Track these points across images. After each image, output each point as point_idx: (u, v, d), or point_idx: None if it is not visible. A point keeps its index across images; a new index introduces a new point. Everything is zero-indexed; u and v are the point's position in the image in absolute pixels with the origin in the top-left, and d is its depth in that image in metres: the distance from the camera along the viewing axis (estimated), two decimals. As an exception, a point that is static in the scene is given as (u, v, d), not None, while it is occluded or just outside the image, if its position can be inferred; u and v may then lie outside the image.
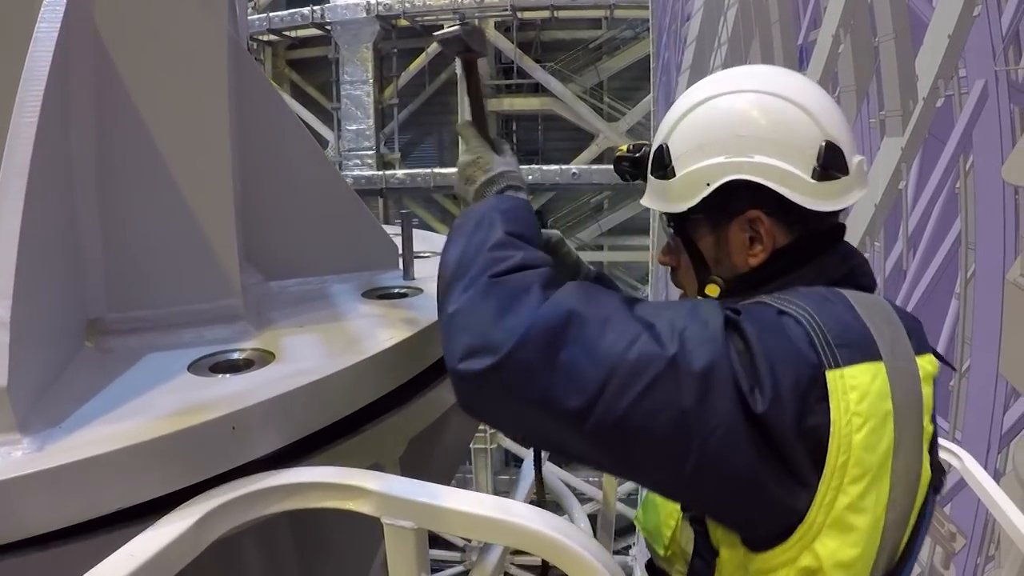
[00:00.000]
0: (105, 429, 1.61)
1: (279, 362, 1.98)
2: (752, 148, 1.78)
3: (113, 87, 2.07)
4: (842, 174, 1.80)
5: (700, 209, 1.86)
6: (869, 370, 1.54)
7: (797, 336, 1.53)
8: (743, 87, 1.87)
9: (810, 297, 1.63)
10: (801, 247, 1.83)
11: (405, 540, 1.62)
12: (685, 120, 1.91)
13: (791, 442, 1.48)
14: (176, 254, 2.16)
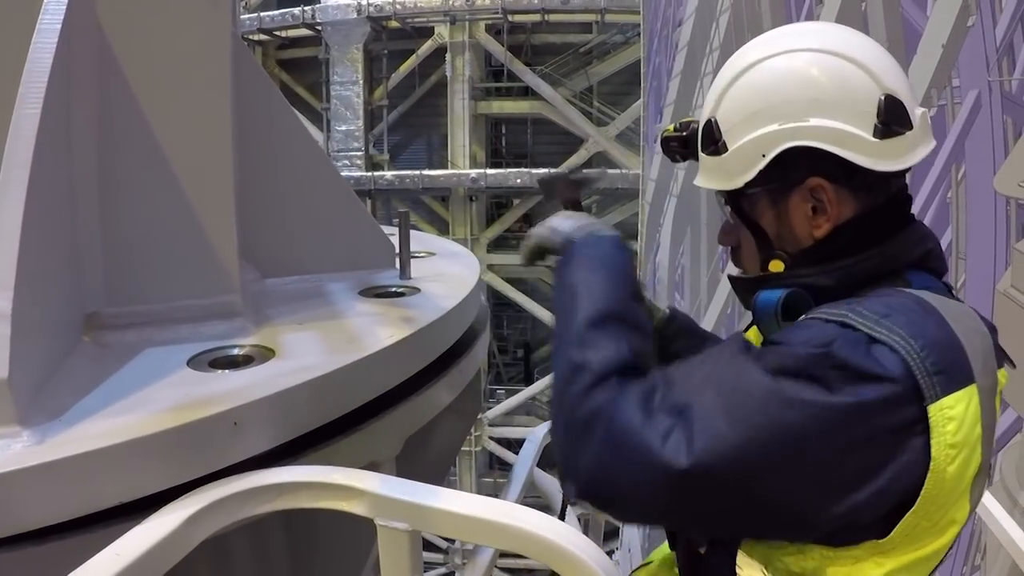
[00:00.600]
0: (106, 423, 1.61)
1: (279, 358, 1.98)
2: (806, 111, 1.65)
3: (115, 81, 2.07)
4: (906, 129, 1.65)
5: (757, 183, 1.74)
6: (965, 396, 1.44)
7: (894, 370, 1.40)
8: (790, 47, 1.73)
9: (902, 311, 1.48)
10: (871, 219, 1.70)
11: (399, 542, 1.61)
12: (732, 89, 1.79)
13: (890, 483, 1.40)
14: (175, 249, 2.16)
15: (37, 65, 1.89)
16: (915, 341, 1.42)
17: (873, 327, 1.44)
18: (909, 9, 5.29)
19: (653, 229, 16.33)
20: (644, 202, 17.45)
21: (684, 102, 14.12)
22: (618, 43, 26.40)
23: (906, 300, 1.53)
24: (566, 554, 1.52)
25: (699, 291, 12.46)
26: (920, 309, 1.50)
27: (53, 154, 1.90)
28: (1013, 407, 3.95)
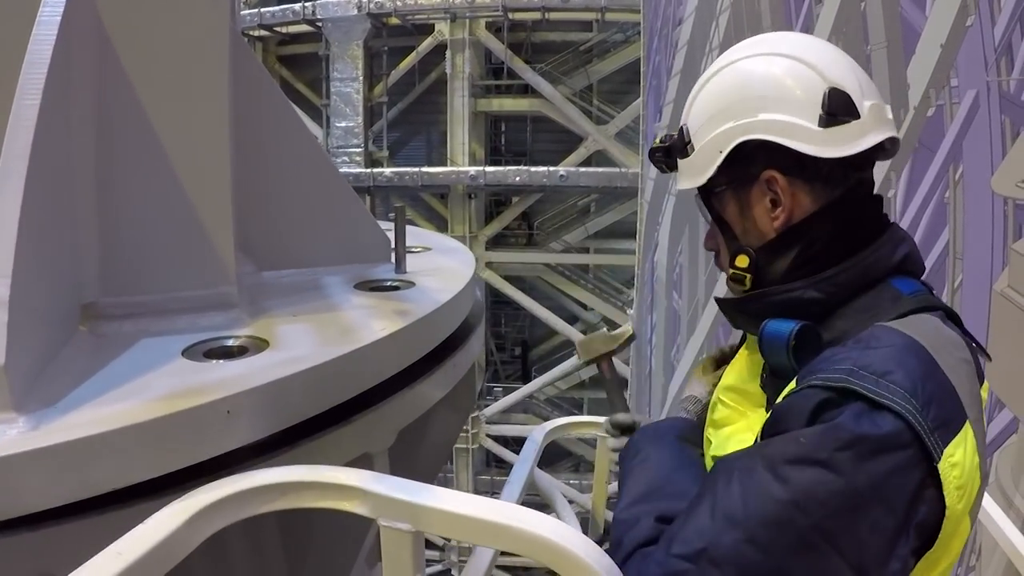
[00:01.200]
0: (101, 410, 1.62)
1: (273, 349, 1.99)
2: (756, 108, 1.77)
3: (114, 73, 2.08)
4: (851, 118, 1.74)
5: (722, 180, 1.86)
6: (962, 438, 1.52)
7: (900, 435, 1.46)
8: (744, 54, 1.87)
9: (900, 364, 1.52)
10: (828, 214, 1.79)
11: (402, 543, 1.60)
12: (697, 98, 1.92)
13: (906, 536, 1.47)
14: (172, 241, 2.17)
15: (37, 56, 1.90)
16: (915, 400, 1.48)
17: (875, 391, 1.49)
18: (908, 9, 5.30)
19: (651, 228, 16.33)
20: (643, 201, 17.44)
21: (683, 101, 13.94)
22: (618, 41, 26.41)
23: (900, 350, 1.56)
24: (569, 556, 1.51)
25: (697, 290, 12.46)
26: (914, 359, 1.55)
27: (52, 145, 1.91)
28: (1009, 408, 3.96)
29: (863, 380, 1.50)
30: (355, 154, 26.17)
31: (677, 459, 1.95)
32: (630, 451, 2.07)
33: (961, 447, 1.50)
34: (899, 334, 1.59)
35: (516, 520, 1.53)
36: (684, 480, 1.85)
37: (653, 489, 1.85)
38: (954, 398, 1.54)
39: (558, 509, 3.43)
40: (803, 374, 1.60)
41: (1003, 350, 4.07)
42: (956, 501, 1.48)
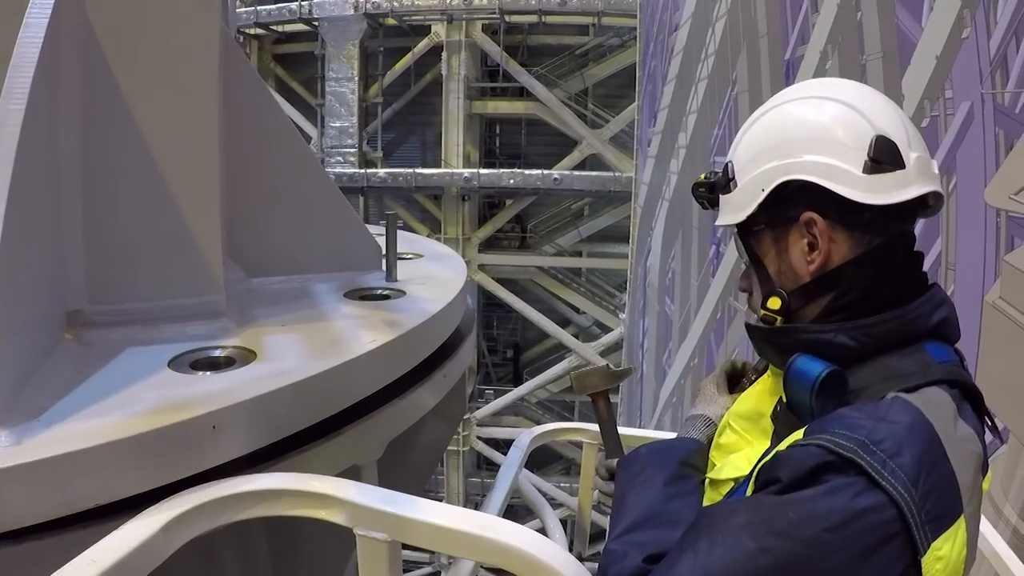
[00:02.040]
0: (84, 424, 1.60)
1: (261, 361, 1.97)
2: (802, 149, 1.77)
3: (102, 78, 2.05)
4: (897, 168, 1.72)
5: (761, 219, 1.86)
6: (953, 533, 1.53)
7: (889, 521, 1.48)
8: (794, 96, 1.88)
9: (912, 447, 1.52)
10: (864, 263, 1.77)
11: (378, 552, 1.60)
12: (745, 136, 1.92)
13: None
14: (159, 248, 2.15)
15: (23, 59, 1.88)
16: (915, 490, 1.49)
17: (879, 471, 1.49)
18: (904, 20, 5.30)
19: (645, 232, 16.35)
20: (636, 205, 17.46)
21: (678, 106, 14.13)
22: (614, 46, 26.44)
23: (914, 431, 1.56)
24: (547, 569, 1.52)
25: (689, 295, 12.47)
26: (925, 445, 1.54)
27: (37, 150, 1.89)
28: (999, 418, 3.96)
29: (872, 457, 1.51)
30: (349, 154, 26.14)
31: (676, 487, 1.95)
32: (634, 466, 2.07)
33: (951, 541, 1.52)
34: (917, 413, 1.58)
35: (492, 531, 1.54)
36: (678, 511, 1.85)
37: (647, 518, 1.85)
38: (954, 492, 1.55)
39: (543, 515, 3.42)
40: (813, 427, 1.60)
41: (994, 361, 4.07)
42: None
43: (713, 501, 1.85)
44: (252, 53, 27.56)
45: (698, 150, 12.60)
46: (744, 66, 10.02)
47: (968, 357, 1.82)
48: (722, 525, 1.55)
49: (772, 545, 1.47)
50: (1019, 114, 3.96)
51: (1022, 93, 3.96)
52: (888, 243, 1.78)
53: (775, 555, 1.46)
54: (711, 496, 1.89)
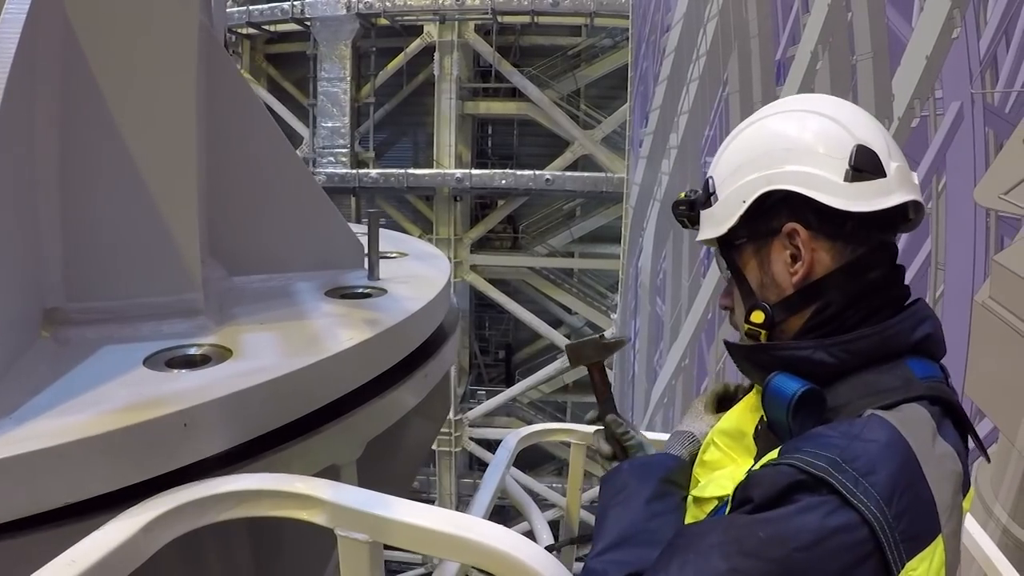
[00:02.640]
0: (55, 422, 1.59)
1: (236, 359, 1.96)
2: (783, 160, 1.77)
3: (80, 75, 2.04)
4: (877, 175, 1.73)
5: (743, 232, 1.85)
6: (930, 554, 1.51)
7: (862, 542, 1.45)
8: (775, 111, 1.89)
9: (886, 466, 1.51)
10: (847, 274, 1.77)
11: (359, 553, 1.59)
12: (726, 151, 1.93)
13: None
14: (137, 246, 2.14)
15: (0, 55, 1.86)
16: (888, 509, 1.47)
17: (851, 491, 1.47)
18: (894, 20, 5.30)
19: (636, 233, 16.37)
20: (628, 206, 17.48)
21: (670, 107, 14.16)
22: (606, 47, 26.48)
23: (889, 448, 1.54)
24: (526, 570, 1.51)
25: (680, 296, 12.49)
26: (900, 463, 1.52)
27: (14, 147, 1.89)
28: (989, 418, 3.95)
29: (843, 475, 1.48)
30: (341, 155, 26.16)
31: (658, 504, 1.94)
32: (616, 483, 2.05)
33: (927, 561, 1.49)
34: (893, 430, 1.56)
35: (473, 532, 1.53)
36: (659, 530, 1.84)
37: (628, 536, 1.85)
38: (930, 512, 1.53)
39: (529, 516, 3.41)
40: (787, 447, 1.58)
41: (984, 360, 4.07)
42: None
43: (696, 519, 1.84)
44: (244, 53, 27.58)
45: (689, 151, 12.62)
46: (735, 67, 10.04)
47: (958, 357, 1.82)
48: (695, 545, 1.54)
49: (742, 565, 1.45)
50: (1009, 114, 3.96)
51: (1011, 93, 3.95)
52: (870, 252, 1.78)
53: (744, 574, 1.45)
54: (694, 513, 1.87)
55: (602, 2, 23.93)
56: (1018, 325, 3.69)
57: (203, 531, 1.62)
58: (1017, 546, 3.55)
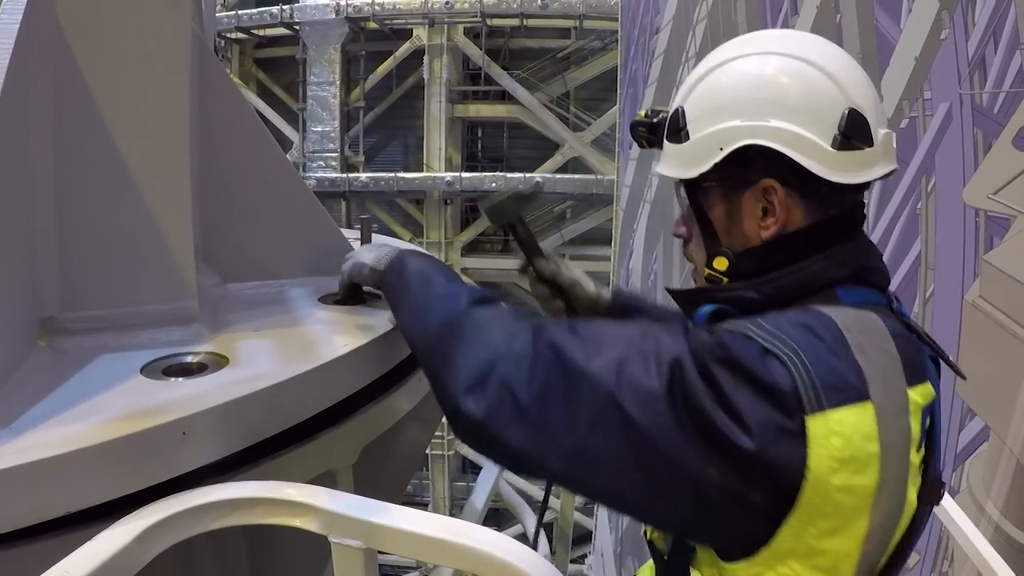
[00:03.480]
0: (55, 431, 1.60)
1: (232, 367, 1.97)
2: (769, 112, 1.68)
3: (74, 83, 2.05)
4: (865, 145, 1.68)
5: (714, 176, 1.77)
6: (855, 413, 1.45)
7: (780, 379, 1.45)
8: (765, 49, 1.77)
9: (800, 327, 1.52)
10: (819, 231, 1.72)
11: (353, 559, 1.60)
12: (704, 82, 1.82)
13: (762, 481, 1.44)
14: (132, 254, 2.15)
15: (-5, 66, 1.87)
16: (806, 354, 1.46)
17: (767, 339, 1.49)
18: (883, 21, 5.31)
19: (627, 235, 16.37)
20: (618, 208, 17.47)
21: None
22: (596, 49, 26.44)
23: (809, 317, 1.56)
24: (520, 575, 1.51)
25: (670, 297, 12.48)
26: (820, 325, 1.53)
27: (8, 155, 1.90)
28: (980, 416, 3.97)
29: (761, 330, 1.51)
30: (331, 159, 26.11)
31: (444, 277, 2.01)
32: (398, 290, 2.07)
33: (854, 419, 1.45)
34: (812, 311, 1.59)
35: (466, 538, 1.54)
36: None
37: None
38: (853, 371, 1.49)
39: (523, 519, 3.43)
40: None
41: (974, 360, 4.08)
42: (829, 473, 1.42)
43: None
44: (233, 58, 27.51)
45: (680, 153, 12.59)
46: (725, 68, 10.03)
47: (949, 356, 1.79)
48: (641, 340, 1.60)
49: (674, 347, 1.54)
50: (997, 114, 3.97)
51: (1000, 94, 3.97)
52: (842, 213, 1.75)
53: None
54: None
55: (591, 4, 23.91)
56: (1008, 324, 3.71)
57: (199, 538, 1.63)
58: (1009, 543, 3.56)
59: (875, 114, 1.70)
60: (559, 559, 3.64)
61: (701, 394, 1.47)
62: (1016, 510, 3.56)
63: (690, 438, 1.46)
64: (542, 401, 1.59)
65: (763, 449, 1.42)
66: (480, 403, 1.66)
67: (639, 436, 1.50)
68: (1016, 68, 3.76)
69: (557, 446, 1.57)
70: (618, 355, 1.57)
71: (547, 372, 1.61)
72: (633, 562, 10.78)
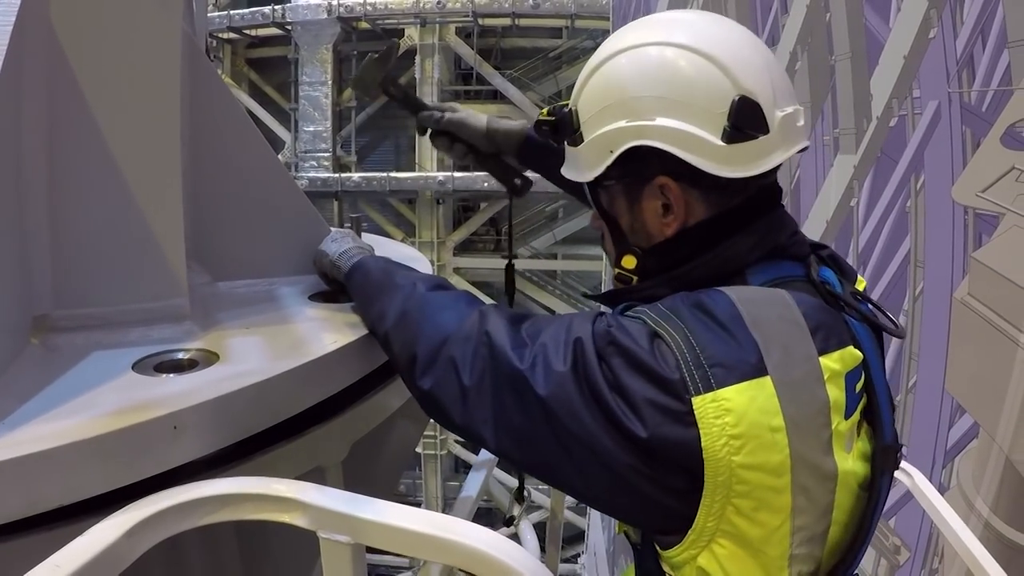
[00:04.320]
0: (47, 426, 1.61)
1: (223, 363, 1.98)
2: (653, 110, 1.63)
3: (66, 83, 2.06)
4: (760, 133, 1.61)
5: (612, 175, 1.75)
6: (748, 389, 1.43)
7: (665, 362, 1.45)
8: (647, 39, 1.70)
9: (692, 310, 1.51)
10: (721, 222, 1.69)
11: (341, 555, 1.60)
12: (590, 81, 1.78)
13: (665, 464, 1.45)
14: (123, 252, 2.16)
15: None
16: (692, 335, 1.47)
17: (658, 321, 1.50)
18: (872, 21, 5.33)
19: (619, 234, 16.36)
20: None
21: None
22: (588, 48, 26.40)
23: (703, 296, 1.55)
24: (508, 571, 1.51)
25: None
26: (712, 303, 1.52)
27: (2, 157, 1.91)
28: (970, 413, 3.99)
29: (654, 312, 1.53)
30: (323, 159, 26.11)
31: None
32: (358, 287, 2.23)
33: (747, 396, 1.43)
34: (709, 290, 1.57)
35: (454, 533, 1.54)
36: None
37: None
38: (746, 351, 1.47)
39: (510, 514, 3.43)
40: None
41: (963, 357, 4.10)
42: (730, 452, 1.41)
43: None
44: (225, 58, 27.51)
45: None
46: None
47: (937, 353, 1.79)
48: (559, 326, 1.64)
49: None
50: (985, 113, 3.99)
51: (988, 92, 3.98)
52: (747, 201, 1.71)
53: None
54: None
55: (582, 4, 23.93)
56: (997, 321, 3.73)
57: (190, 532, 1.64)
58: (999, 539, 3.58)
59: (771, 97, 1.64)
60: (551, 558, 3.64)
61: (599, 379, 1.48)
62: (1006, 506, 3.59)
63: (596, 419, 1.48)
64: (479, 382, 1.65)
65: (654, 434, 1.43)
66: (431, 380, 1.75)
67: (554, 417, 1.52)
68: (1004, 66, 3.79)
69: (492, 424, 1.63)
70: (541, 339, 1.60)
71: (483, 357, 1.65)
72: (625, 560, 10.78)
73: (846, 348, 1.60)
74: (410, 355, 1.83)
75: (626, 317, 1.58)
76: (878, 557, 4.75)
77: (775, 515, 1.47)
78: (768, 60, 1.70)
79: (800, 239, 1.77)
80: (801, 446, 1.46)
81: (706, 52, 1.62)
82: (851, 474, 1.60)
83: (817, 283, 1.70)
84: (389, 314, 1.96)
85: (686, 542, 1.50)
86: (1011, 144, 3.68)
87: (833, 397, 1.52)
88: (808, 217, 6.11)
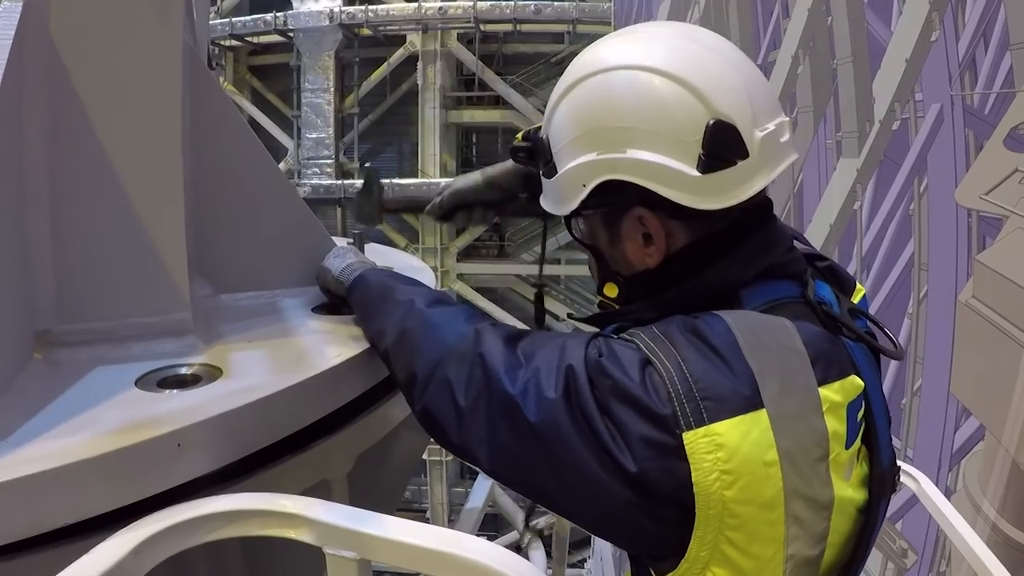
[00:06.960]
0: (51, 444, 1.60)
1: (226, 378, 1.97)
2: (623, 141, 1.56)
3: (67, 97, 2.06)
4: (738, 158, 1.54)
5: (590, 205, 1.69)
6: (742, 423, 1.39)
7: (657, 396, 1.41)
8: (616, 62, 1.62)
9: (688, 337, 1.47)
10: (703, 249, 1.64)
11: (347, 570, 1.60)
12: (559, 109, 1.71)
13: (656, 497, 1.42)
14: (126, 266, 2.15)
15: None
16: (686, 365, 1.43)
17: (652, 348, 1.47)
18: (874, 24, 5.33)
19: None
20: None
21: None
22: (589, 53, 26.47)
23: (700, 322, 1.50)
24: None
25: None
26: (710, 330, 1.48)
27: (2, 169, 1.91)
28: (975, 416, 3.98)
29: (648, 336, 1.50)
30: (326, 165, 26.12)
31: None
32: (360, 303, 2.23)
33: (740, 431, 1.39)
34: (704, 314, 1.53)
35: (459, 548, 1.53)
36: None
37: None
38: (742, 383, 1.43)
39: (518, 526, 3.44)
40: None
41: (967, 359, 4.09)
42: (723, 486, 1.38)
43: None
44: (227, 65, 27.54)
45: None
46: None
47: (942, 356, 1.78)
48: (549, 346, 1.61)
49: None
50: (988, 115, 3.99)
51: (990, 95, 3.98)
52: (732, 226, 1.64)
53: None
54: None
55: (584, 10, 23.98)
56: (1001, 324, 3.72)
57: (196, 548, 1.64)
58: (1006, 542, 3.57)
59: (749, 116, 1.56)
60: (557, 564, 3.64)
61: (591, 409, 1.46)
62: (1012, 509, 3.58)
63: (588, 447, 1.46)
64: (474, 404, 1.63)
65: (644, 469, 1.41)
66: (428, 400, 1.74)
67: (545, 443, 1.51)
68: (1006, 69, 3.78)
69: (487, 446, 1.62)
70: (535, 363, 1.58)
71: (477, 379, 1.63)
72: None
73: (847, 378, 1.57)
74: (409, 374, 1.83)
75: (619, 341, 1.54)
76: (885, 560, 4.75)
77: (768, 546, 1.45)
78: (746, 74, 1.62)
79: (796, 255, 1.73)
80: (795, 478, 1.44)
81: (676, 75, 1.55)
82: (849, 501, 1.59)
83: (814, 304, 1.66)
84: (388, 332, 1.96)
85: (679, 570, 1.48)
86: (1014, 146, 3.68)
87: (832, 428, 1.50)
88: (811, 221, 6.11)
